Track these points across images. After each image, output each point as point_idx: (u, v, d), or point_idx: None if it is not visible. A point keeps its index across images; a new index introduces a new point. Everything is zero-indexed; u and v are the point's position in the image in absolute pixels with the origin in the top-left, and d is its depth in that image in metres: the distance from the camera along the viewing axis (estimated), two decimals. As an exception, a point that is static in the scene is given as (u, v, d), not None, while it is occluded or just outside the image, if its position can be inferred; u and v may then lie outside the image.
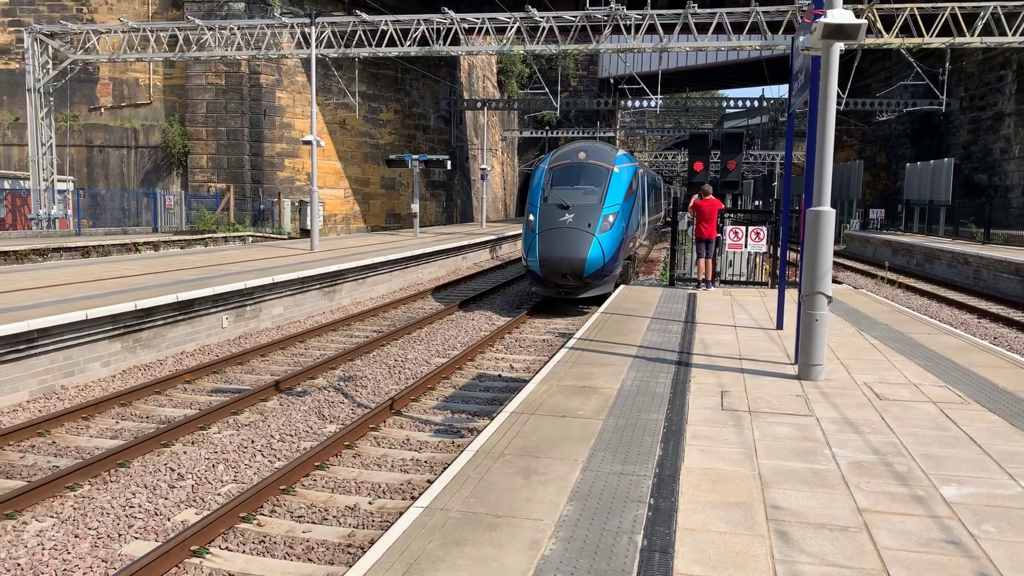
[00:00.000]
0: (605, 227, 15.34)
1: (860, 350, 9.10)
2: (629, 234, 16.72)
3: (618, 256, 15.74)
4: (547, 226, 15.50)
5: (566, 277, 15.09)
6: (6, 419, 9.09)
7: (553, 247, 15.11)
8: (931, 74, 36.71)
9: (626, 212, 16.21)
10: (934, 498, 4.68)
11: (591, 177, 16.32)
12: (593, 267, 15.06)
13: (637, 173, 18.05)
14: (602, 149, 17.67)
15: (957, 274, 24.53)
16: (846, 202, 43.10)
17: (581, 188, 16.09)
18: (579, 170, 16.59)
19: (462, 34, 28.13)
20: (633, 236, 17.70)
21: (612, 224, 15.50)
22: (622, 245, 15.94)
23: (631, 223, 16.83)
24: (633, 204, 17.07)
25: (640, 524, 4.25)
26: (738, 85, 76.10)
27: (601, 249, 15.07)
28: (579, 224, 15.25)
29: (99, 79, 33.75)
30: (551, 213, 15.67)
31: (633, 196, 17.07)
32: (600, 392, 6.99)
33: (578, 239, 15.03)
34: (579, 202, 15.72)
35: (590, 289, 15.65)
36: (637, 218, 18.10)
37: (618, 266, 15.96)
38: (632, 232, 17.29)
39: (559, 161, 17.20)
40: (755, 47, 27.78)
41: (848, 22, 6.64)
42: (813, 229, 7.38)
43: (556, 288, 15.63)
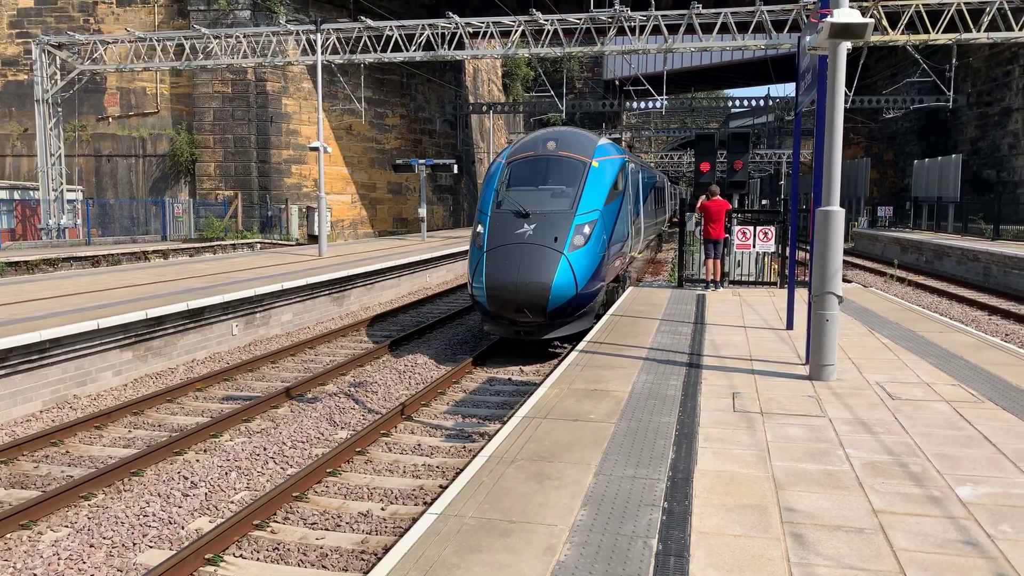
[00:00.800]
0: (579, 241, 11.63)
1: (871, 349, 9.06)
2: (615, 249, 13.14)
3: (598, 280, 12.13)
4: (498, 241, 11.69)
5: (523, 312, 11.25)
6: (20, 429, 9.14)
7: (505, 270, 11.27)
8: (938, 70, 36.55)
9: (609, 219, 12.62)
10: (950, 498, 4.65)
11: (561, 174, 12.57)
12: (561, 297, 11.25)
13: (626, 168, 14.50)
14: (577, 137, 13.90)
15: (967, 271, 24.41)
16: (854, 200, 42.94)
17: (547, 189, 12.39)
18: (545, 165, 12.80)
19: (467, 38, 28.19)
20: (621, 251, 13.92)
21: (589, 237, 11.79)
22: (603, 264, 12.30)
23: (617, 233, 13.25)
24: (620, 208, 13.47)
25: (655, 528, 4.24)
26: (743, 84, 76.01)
27: (572, 272, 11.32)
28: (542, 238, 11.48)
29: (106, 89, 33.93)
30: (505, 223, 11.88)
31: (620, 198, 13.61)
32: (611, 395, 6.98)
33: (540, 259, 11.27)
34: (543, 208, 12.00)
35: (558, 328, 11.85)
36: (627, 226, 14.44)
37: (599, 293, 12.42)
38: (620, 245, 13.69)
39: (520, 154, 13.26)
40: (760, 46, 27.73)
41: (855, 21, 6.62)
42: (822, 229, 7.36)
43: (511, 326, 11.82)
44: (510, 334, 12.06)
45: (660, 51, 27.55)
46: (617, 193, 13.29)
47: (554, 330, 11.79)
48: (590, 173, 12.59)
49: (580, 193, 12.23)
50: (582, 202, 12.13)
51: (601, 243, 12.15)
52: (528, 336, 11.90)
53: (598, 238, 12.05)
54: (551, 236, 11.54)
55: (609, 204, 12.71)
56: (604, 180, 12.80)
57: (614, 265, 13.34)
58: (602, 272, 12.30)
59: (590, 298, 12.00)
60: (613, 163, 13.52)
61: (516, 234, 11.65)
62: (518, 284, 11.13)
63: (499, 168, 13.19)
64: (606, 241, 12.36)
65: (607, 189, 12.73)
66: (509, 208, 12.14)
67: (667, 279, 21.79)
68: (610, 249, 12.64)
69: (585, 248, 11.71)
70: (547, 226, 11.68)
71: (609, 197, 12.73)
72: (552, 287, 11.11)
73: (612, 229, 12.75)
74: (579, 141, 13.54)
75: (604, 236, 12.30)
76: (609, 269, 12.85)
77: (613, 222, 12.83)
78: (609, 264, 12.75)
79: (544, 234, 11.56)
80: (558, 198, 12.22)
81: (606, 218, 12.45)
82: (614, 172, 13.31)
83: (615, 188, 13.14)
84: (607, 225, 12.47)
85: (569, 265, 11.34)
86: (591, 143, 13.58)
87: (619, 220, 13.33)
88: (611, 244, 12.67)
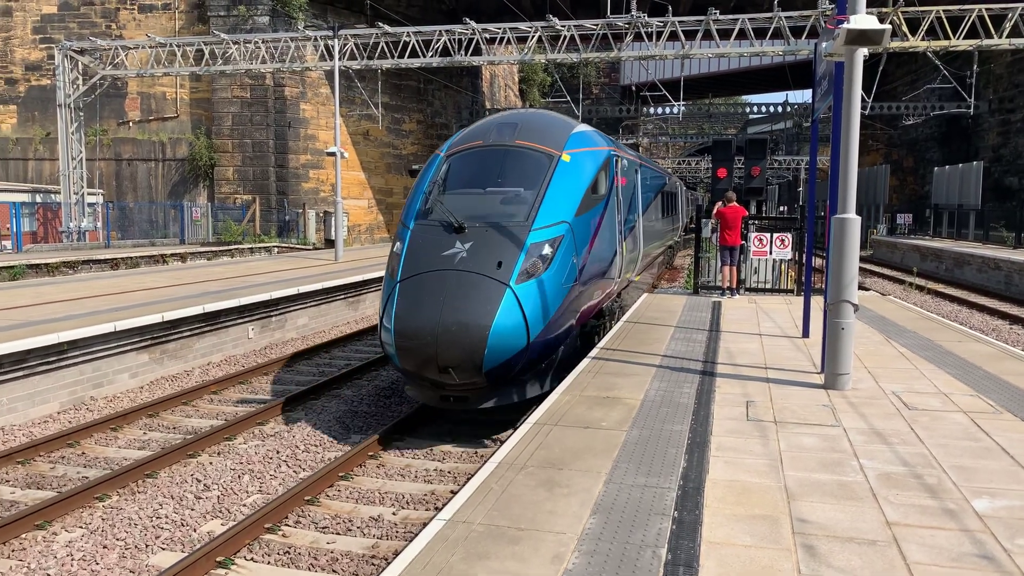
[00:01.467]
0: (534, 267, 8.31)
1: (888, 358, 8.97)
2: (594, 275, 9.75)
3: (564, 321, 8.78)
4: (417, 267, 8.41)
5: (448, 372, 7.88)
6: (37, 430, 9.23)
7: (423, 311, 7.98)
8: (959, 77, 36.19)
9: (584, 234, 9.35)
10: (966, 511, 4.58)
11: (517, 171, 9.33)
12: (505, 350, 7.88)
13: (614, 164, 11.22)
14: (544, 121, 10.53)
15: (988, 279, 24.12)
16: (872, 207, 42.58)
17: (496, 193, 9.10)
18: (495, 159, 9.50)
19: (484, 44, 28.25)
20: (605, 277, 10.49)
21: (551, 261, 8.46)
22: (573, 299, 8.92)
23: (598, 253, 9.90)
24: (603, 219, 10.18)
25: (664, 537, 4.21)
26: (761, 90, 75.62)
27: (522, 313, 8.00)
28: (480, 263, 8.21)
29: (127, 94, 34.31)
30: (430, 241, 8.62)
31: (604, 205, 10.31)
32: (623, 403, 6.95)
33: (474, 294, 7.99)
34: (487, 219, 8.69)
35: (504, 393, 8.43)
36: (614, 242, 10.91)
37: (568, 338, 9.17)
38: (603, 269, 10.28)
39: (464, 144, 9.93)
40: (778, 52, 27.57)
41: (872, 27, 6.57)
42: (838, 237, 7.29)
43: (434, 389, 8.36)
44: (435, 401, 8.50)
45: (677, 57, 27.48)
46: (599, 198, 10.05)
47: (497, 396, 8.36)
48: (558, 170, 9.24)
49: (541, 198, 8.88)
50: (543, 210, 8.76)
51: (569, 268, 8.77)
52: (460, 406, 8.53)
53: (565, 262, 8.67)
54: (493, 260, 8.18)
55: (585, 213, 9.38)
56: (578, 180, 9.47)
57: (593, 298, 9.92)
58: (572, 310, 8.92)
59: (550, 347, 8.60)
60: (594, 157, 10.20)
61: (443, 257, 8.30)
62: (439, 331, 7.72)
63: (435, 163, 9.81)
64: (578, 265, 8.99)
65: (582, 192, 9.40)
66: (439, 219, 8.75)
67: (683, 286, 21.71)
68: (585, 276, 9.25)
69: (544, 277, 8.29)
70: (489, 245, 8.35)
71: (585, 203, 9.43)
72: (491, 335, 7.71)
73: (589, 247, 9.45)
74: (545, 127, 10.17)
75: (575, 258, 8.90)
76: (585, 304, 9.50)
77: (590, 237, 9.54)
78: (584, 297, 9.39)
79: (483, 257, 8.22)
80: (510, 205, 8.88)
81: (579, 233, 9.12)
82: (594, 169, 9.98)
83: (595, 191, 9.89)
84: (581, 242, 9.16)
85: (517, 302, 7.96)
86: (562, 130, 10.19)
87: (601, 234, 10.01)
88: (587, 268, 9.32)
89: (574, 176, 9.49)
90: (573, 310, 9.04)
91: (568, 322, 8.95)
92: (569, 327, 9.06)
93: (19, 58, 34.92)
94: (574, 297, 8.96)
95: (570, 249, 8.86)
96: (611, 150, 11.29)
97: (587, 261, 9.38)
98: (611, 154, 11.12)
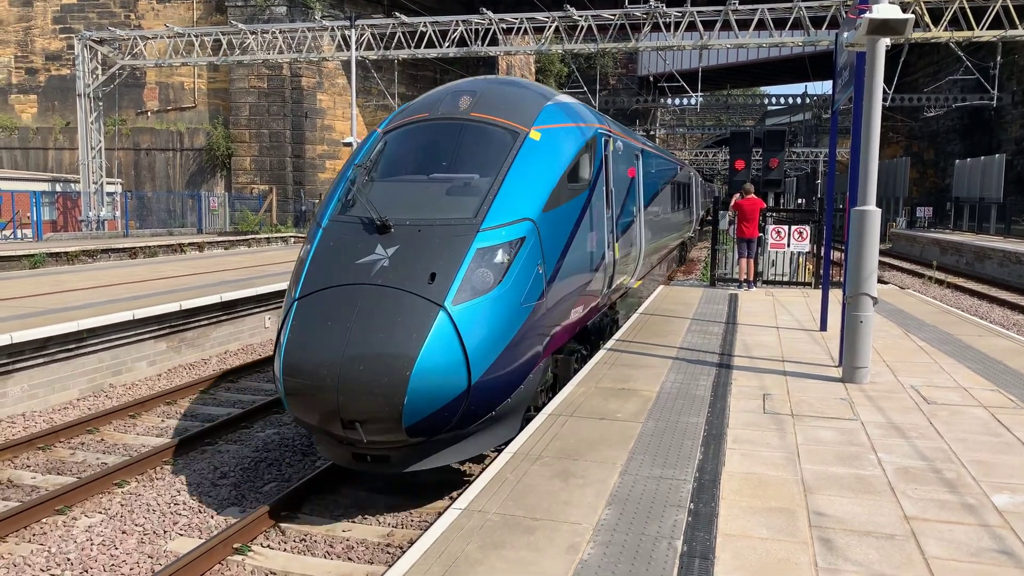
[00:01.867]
0: (481, 281, 6.25)
1: (907, 352, 8.89)
2: (570, 287, 7.53)
3: (525, 352, 6.57)
4: (323, 279, 6.36)
5: (354, 426, 5.80)
6: (58, 416, 9.34)
7: (319, 340, 5.98)
8: (981, 68, 35.70)
9: (556, 235, 7.21)
10: (985, 506, 4.54)
11: (470, 152, 7.27)
12: (435, 396, 5.81)
13: (602, 145, 9.00)
14: (509, 91, 8.33)
15: (1009, 273, 23.83)
16: (892, 200, 42.18)
17: (440, 180, 7.06)
18: (444, 137, 7.45)
19: (500, 34, 28.16)
20: (586, 290, 8.18)
21: (506, 271, 6.40)
22: (537, 323, 6.71)
23: (575, 259, 7.64)
24: (584, 214, 7.99)
25: (680, 529, 4.20)
26: (780, 81, 75.09)
27: (461, 344, 5.92)
28: (403, 275, 6.15)
29: (146, 84, 34.53)
30: (344, 243, 6.59)
31: (587, 196, 8.10)
32: (639, 394, 6.93)
33: (392, 317, 5.93)
34: (423, 215, 6.63)
35: (436, 451, 6.26)
36: (602, 244, 8.74)
37: (530, 375, 6.79)
38: (583, 280, 8.01)
39: (408, 117, 7.80)
40: (797, 43, 27.33)
41: (894, 17, 6.48)
42: (858, 229, 7.22)
43: (345, 447, 6.21)
44: (345, 461, 6.30)
45: (695, 47, 27.28)
46: (580, 187, 7.94)
47: (428, 456, 6.18)
48: (524, 151, 7.10)
49: (498, 187, 6.74)
50: (499, 204, 6.61)
51: (533, 280, 6.55)
52: (381, 469, 6.32)
53: (526, 271, 6.49)
54: (424, 271, 6.07)
55: (558, 207, 7.26)
56: (551, 164, 7.34)
57: (569, 316, 7.59)
58: (537, 335, 6.68)
59: (504, 390, 6.32)
60: (574, 136, 8.02)
61: (358, 266, 6.21)
62: (341, 370, 5.65)
63: (369, 142, 7.70)
64: (546, 275, 6.78)
65: (555, 179, 7.25)
66: (360, 215, 6.65)
67: (699, 278, 21.61)
68: (557, 289, 7.02)
69: (496, 293, 6.17)
70: (421, 251, 6.23)
71: (559, 194, 7.29)
72: (414, 376, 5.61)
73: (563, 251, 7.26)
74: (512, 96, 8.01)
75: (541, 267, 6.71)
76: (557, 325, 7.21)
77: (566, 238, 7.40)
78: (555, 316, 7.11)
79: (411, 266, 6.11)
80: (456, 197, 6.75)
81: (549, 232, 6.95)
82: (573, 150, 7.82)
83: (575, 178, 7.82)
84: (551, 245, 6.99)
85: (454, 329, 5.84)
86: (534, 101, 7.96)
87: (582, 234, 7.88)
88: (560, 279, 7.12)
89: (545, 159, 7.31)
90: (539, 335, 6.74)
91: (531, 351, 6.59)
92: (532, 357, 6.65)
93: (39, 48, 35.22)
94: (540, 318, 6.67)
95: (535, 254, 6.64)
96: (600, 128, 9.10)
97: (561, 269, 7.13)
98: (599, 133, 8.95)
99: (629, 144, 11.54)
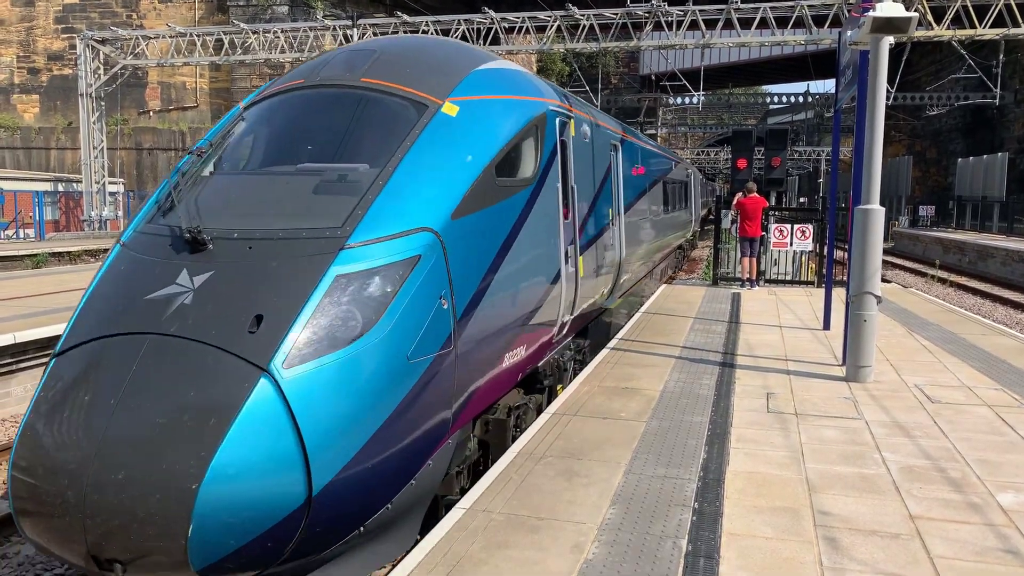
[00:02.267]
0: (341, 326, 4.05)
1: (910, 351, 8.88)
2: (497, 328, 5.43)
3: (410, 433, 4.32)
4: (94, 325, 4.10)
5: (112, 567, 3.47)
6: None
7: (72, 428, 3.66)
8: (984, 66, 35.65)
9: (476, 250, 5.15)
10: (990, 505, 4.53)
11: (356, 133, 5.18)
12: (242, 522, 3.54)
13: (554, 128, 6.79)
14: (424, 50, 6.32)
15: (1012, 272, 23.81)
16: (895, 199, 42.16)
17: (308, 175, 4.88)
18: (323, 111, 5.42)
19: (502, 33, 28.16)
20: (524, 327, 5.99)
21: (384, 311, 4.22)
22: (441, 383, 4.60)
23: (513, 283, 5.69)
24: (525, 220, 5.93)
25: (684, 528, 4.20)
26: (782, 80, 75.11)
27: (297, 435, 3.69)
28: (211, 319, 3.91)
29: (148, 83, 34.60)
30: (137, 269, 4.39)
31: (529, 195, 6.07)
32: (642, 393, 6.92)
33: (181, 391, 3.67)
34: (266, 222, 4.47)
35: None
36: (554, 259, 6.66)
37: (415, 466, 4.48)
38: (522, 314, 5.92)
39: (281, 85, 5.84)
40: (800, 42, 27.31)
41: (898, 15, 6.47)
42: (862, 227, 7.22)
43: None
44: None
45: (697, 46, 27.29)
46: (517, 184, 5.89)
47: None
48: (430, 132, 5.14)
49: (383, 183, 4.73)
50: (378, 207, 4.60)
51: (431, 320, 4.54)
52: None
53: (419, 309, 4.46)
54: (245, 312, 4.01)
55: (479, 212, 5.21)
56: (471, 151, 5.32)
57: (503, 362, 5.65)
58: (439, 401, 4.68)
59: (380, 492, 4.28)
60: (510, 112, 5.99)
61: (148, 304, 4.10)
62: (93, 477, 3.52)
63: (224, 122, 5.81)
64: (457, 312, 4.78)
65: (475, 173, 5.24)
66: (171, 224, 4.62)
67: (701, 277, 21.60)
68: (475, 330, 5.03)
69: (362, 348, 4.12)
70: (244, 279, 4.21)
71: (480, 194, 5.24)
72: (204, 488, 3.49)
73: (487, 275, 5.24)
74: (422, 59, 5.98)
75: (446, 299, 4.68)
76: (480, 380, 5.25)
77: (495, 256, 5.38)
78: (477, 369, 5.17)
79: (224, 304, 4.06)
80: (324, 198, 4.74)
81: (463, 248, 4.95)
82: (507, 133, 5.78)
83: (508, 171, 5.78)
84: (469, 267, 5.00)
85: (284, 408, 3.76)
86: (454, 64, 5.97)
87: (521, 247, 5.77)
88: (481, 317, 5.11)
89: (462, 143, 5.22)
90: (444, 398, 4.67)
91: (429, 423, 4.53)
92: (432, 432, 4.58)
93: (41, 48, 35.28)
94: (445, 373, 4.60)
95: (435, 281, 4.56)
96: (554, 105, 6.83)
97: (484, 299, 5.08)
98: (552, 112, 6.69)
99: (603, 131, 9.38)
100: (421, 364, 4.39)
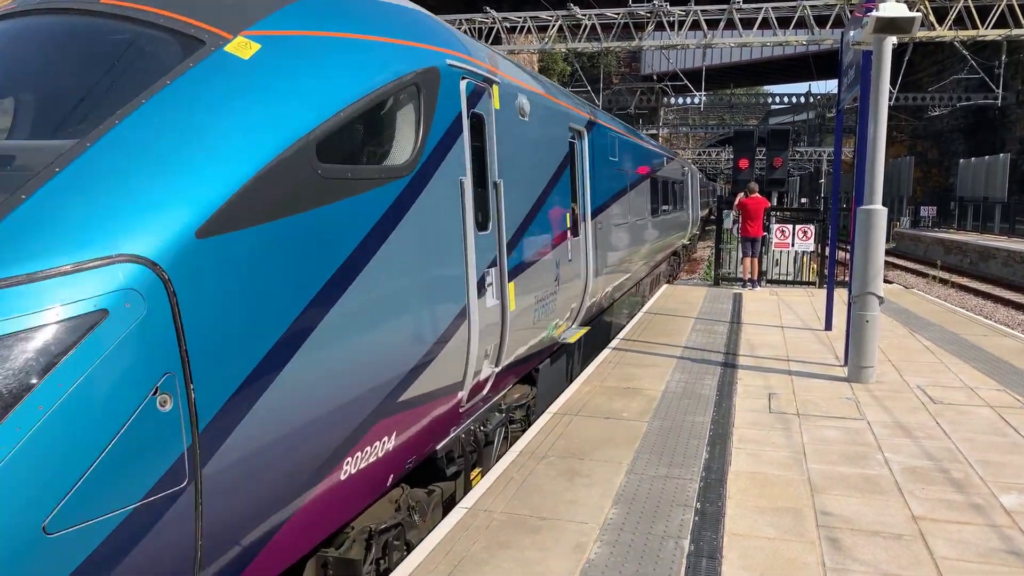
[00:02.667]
0: None
1: (912, 352, 8.87)
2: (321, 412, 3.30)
3: None
4: None
5: None
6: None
7: None
8: (986, 67, 35.61)
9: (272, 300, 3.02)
10: (993, 506, 4.52)
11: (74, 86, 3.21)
12: None
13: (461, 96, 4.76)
14: None
15: (1013, 273, 23.78)
16: (896, 199, 42.11)
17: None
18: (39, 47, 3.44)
19: (504, 33, 28.16)
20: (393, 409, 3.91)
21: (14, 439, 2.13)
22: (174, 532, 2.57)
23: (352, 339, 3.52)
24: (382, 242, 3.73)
25: (687, 528, 4.19)
26: (784, 80, 74.96)
27: None
28: None
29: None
30: None
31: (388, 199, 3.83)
32: (644, 393, 6.91)
33: None
34: None
35: None
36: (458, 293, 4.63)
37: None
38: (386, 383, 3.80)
39: None
40: (802, 42, 27.28)
41: (901, 15, 6.47)
42: (864, 228, 7.21)
43: None
44: None
45: (699, 46, 27.28)
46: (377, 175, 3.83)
47: None
48: (187, 82, 3.10)
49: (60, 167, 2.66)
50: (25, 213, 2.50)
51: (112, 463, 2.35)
52: None
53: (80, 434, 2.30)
54: None
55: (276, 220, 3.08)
56: (271, 113, 3.22)
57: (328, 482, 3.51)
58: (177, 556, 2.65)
59: None
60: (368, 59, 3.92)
61: None
62: None
63: None
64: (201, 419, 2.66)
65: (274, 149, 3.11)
66: None
67: (702, 277, 21.59)
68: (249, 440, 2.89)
69: None
70: None
71: (281, 189, 3.11)
72: None
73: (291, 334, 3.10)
74: None
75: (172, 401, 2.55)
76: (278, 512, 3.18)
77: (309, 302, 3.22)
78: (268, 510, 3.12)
79: None
80: None
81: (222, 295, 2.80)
82: (358, 89, 3.69)
83: (353, 157, 3.81)
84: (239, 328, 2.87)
85: None
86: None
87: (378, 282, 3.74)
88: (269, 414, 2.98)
89: (250, 100, 3.23)
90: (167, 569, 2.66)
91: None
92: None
93: None
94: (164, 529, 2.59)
95: (143, 359, 2.50)
96: (454, 58, 4.84)
97: (288, 368, 3.10)
98: (447, 67, 4.66)
99: (557, 110, 7.45)
100: (88, 533, 2.34)
